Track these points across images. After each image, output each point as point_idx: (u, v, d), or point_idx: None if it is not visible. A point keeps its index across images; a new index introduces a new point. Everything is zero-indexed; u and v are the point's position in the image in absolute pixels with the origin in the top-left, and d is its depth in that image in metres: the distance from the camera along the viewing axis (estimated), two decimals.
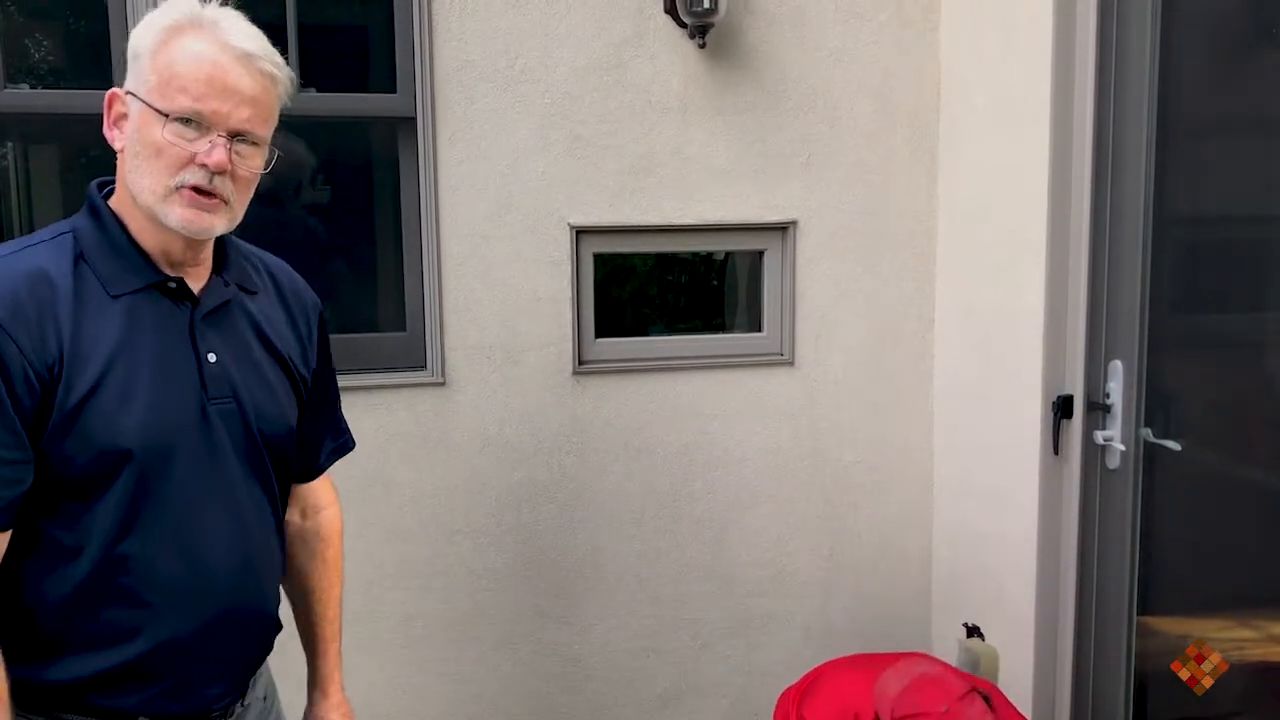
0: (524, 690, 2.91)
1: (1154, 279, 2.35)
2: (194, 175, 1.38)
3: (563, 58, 2.74)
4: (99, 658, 1.41)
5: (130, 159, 1.40)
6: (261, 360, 1.54)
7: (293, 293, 1.64)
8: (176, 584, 1.43)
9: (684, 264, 3.16)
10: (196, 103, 1.37)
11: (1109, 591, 2.48)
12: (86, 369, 1.34)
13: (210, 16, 1.40)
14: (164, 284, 1.43)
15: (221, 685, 1.52)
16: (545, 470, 2.85)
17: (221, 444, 1.46)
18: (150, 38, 1.38)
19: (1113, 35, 2.37)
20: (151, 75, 1.37)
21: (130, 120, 1.40)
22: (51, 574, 1.38)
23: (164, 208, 1.38)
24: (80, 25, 2.73)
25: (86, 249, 1.40)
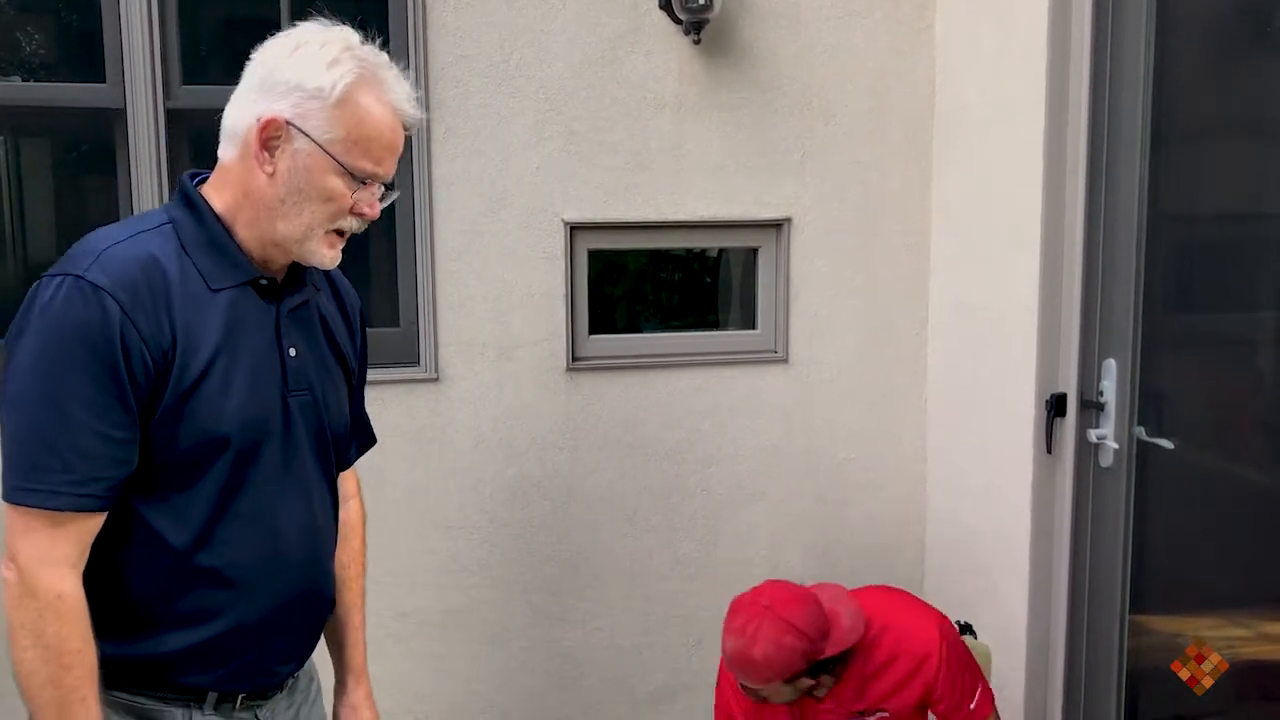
0: (516, 686, 2.91)
1: (1148, 278, 2.35)
2: (351, 223, 1.49)
3: (558, 53, 2.73)
4: (182, 636, 1.47)
5: (286, 192, 1.44)
6: (328, 356, 1.62)
7: (345, 292, 1.72)
8: (258, 567, 1.50)
9: (678, 261, 3.15)
10: (378, 166, 1.47)
11: (1101, 589, 2.49)
12: (195, 357, 1.41)
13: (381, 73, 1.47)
14: (257, 281, 1.49)
15: (288, 663, 1.61)
16: (538, 467, 2.85)
17: (298, 434, 1.54)
18: (328, 82, 1.42)
19: (1108, 34, 2.37)
20: (335, 127, 1.42)
21: (291, 154, 1.43)
22: (144, 555, 1.44)
23: (313, 246, 1.48)
24: (72, 18, 2.72)
25: (186, 241, 1.45)
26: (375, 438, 1.87)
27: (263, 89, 1.44)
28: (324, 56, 1.43)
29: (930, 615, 2.44)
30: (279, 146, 1.43)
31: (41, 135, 2.79)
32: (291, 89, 1.42)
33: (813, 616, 2.28)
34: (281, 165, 1.44)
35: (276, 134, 1.43)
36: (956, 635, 2.44)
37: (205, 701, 1.51)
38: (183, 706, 1.50)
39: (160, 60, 2.56)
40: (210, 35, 2.80)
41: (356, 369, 1.72)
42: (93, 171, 2.79)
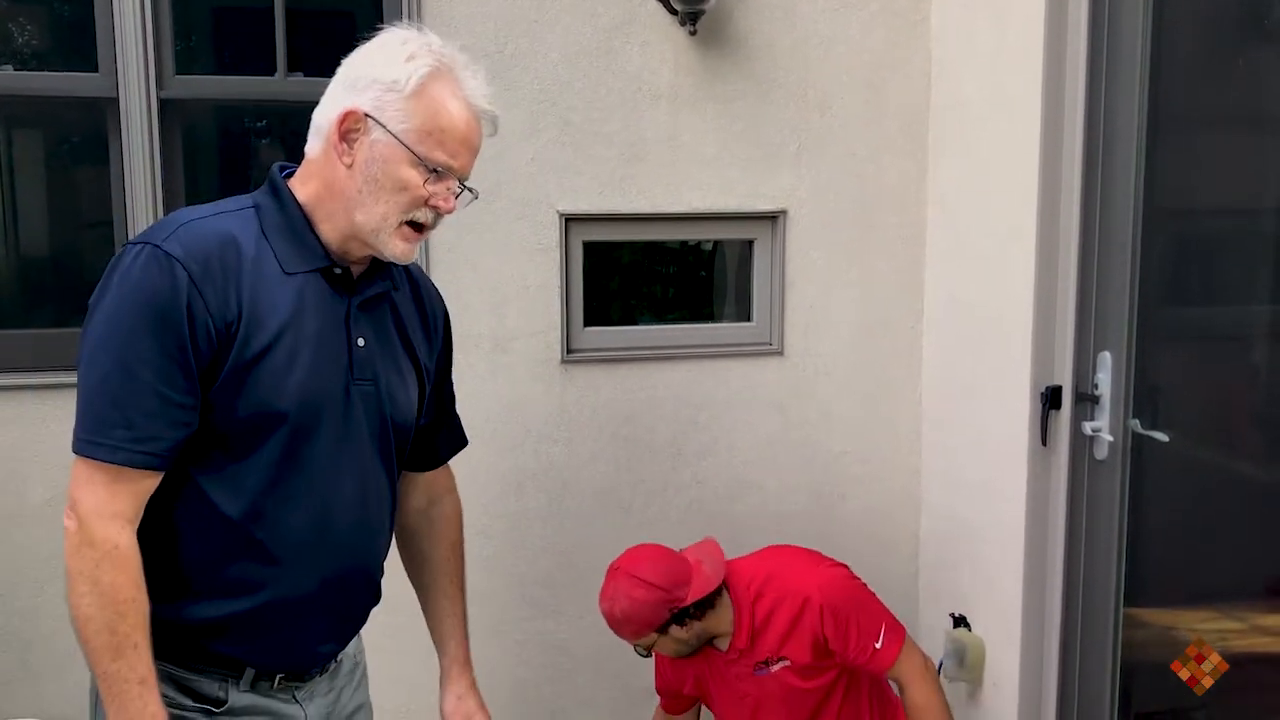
0: (511, 680, 2.90)
1: (1143, 271, 2.35)
2: (425, 215, 1.53)
3: (553, 44, 2.73)
4: (224, 605, 1.52)
5: (364, 182, 1.50)
6: (398, 352, 1.67)
7: (429, 296, 1.78)
8: (305, 544, 1.55)
9: (673, 253, 3.15)
10: (452, 159, 1.51)
11: (1096, 582, 2.49)
12: (260, 332, 1.46)
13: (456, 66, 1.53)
14: (331, 270, 1.54)
15: (327, 642, 1.65)
16: (533, 459, 2.84)
17: (358, 421, 1.58)
18: (404, 74, 1.47)
19: (1104, 27, 2.36)
20: (412, 119, 1.48)
21: (369, 145, 1.49)
22: (197, 520, 1.50)
23: (386, 238, 1.52)
24: (64, 8, 2.70)
25: (267, 225, 1.52)
26: (466, 439, 1.94)
27: (346, 85, 1.51)
28: (403, 52, 1.49)
29: (818, 564, 2.53)
30: (357, 138, 1.49)
31: (34, 125, 2.78)
32: (371, 83, 1.48)
33: (667, 569, 2.42)
34: (360, 156, 1.49)
35: (355, 126, 1.49)
36: (846, 580, 2.50)
37: (242, 677, 1.56)
38: (220, 679, 1.55)
39: (153, 50, 2.54)
40: (203, 25, 2.79)
41: (433, 371, 1.78)
42: (85, 161, 2.77)
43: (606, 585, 2.44)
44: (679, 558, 2.47)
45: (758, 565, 2.52)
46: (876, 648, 2.42)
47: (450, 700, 1.88)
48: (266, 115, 2.86)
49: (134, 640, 1.42)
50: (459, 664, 1.89)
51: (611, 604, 2.41)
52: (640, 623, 2.39)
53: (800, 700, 2.49)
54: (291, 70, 2.62)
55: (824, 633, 2.40)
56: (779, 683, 2.48)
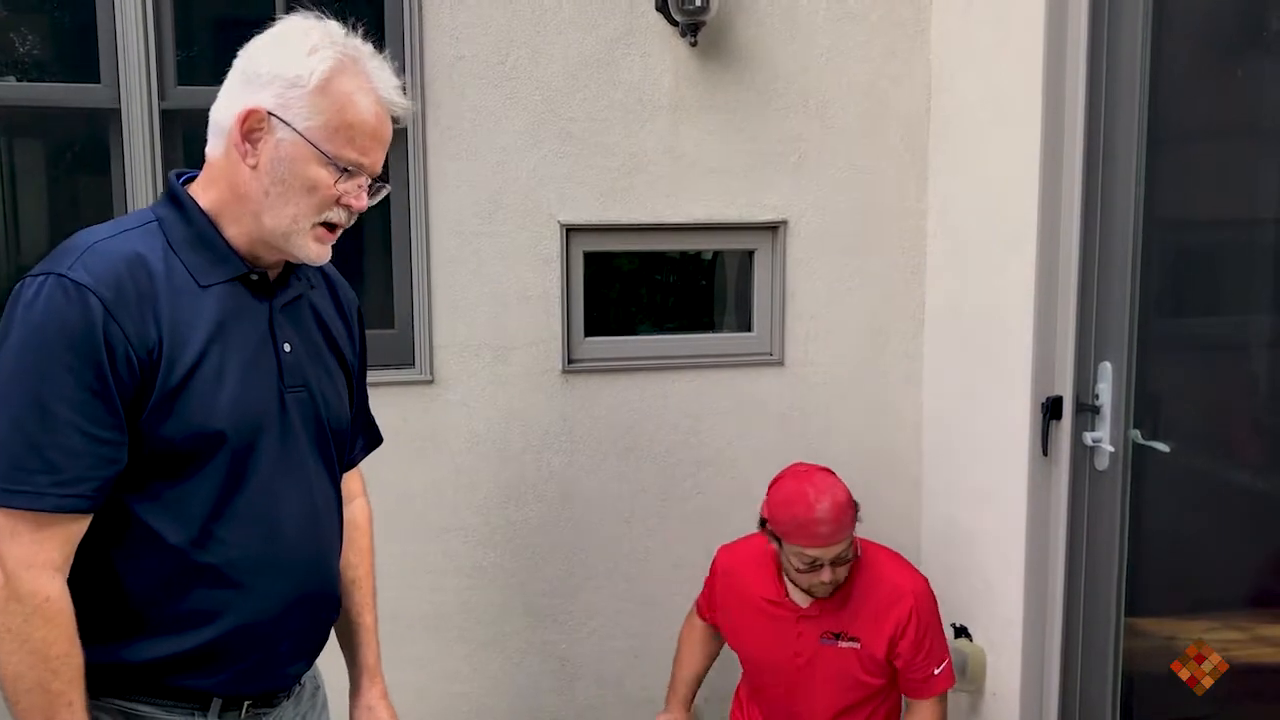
0: (512, 690, 2.90)
1: (1144, 281, 2.36)
2: (339, 215, 1.47)
3: (554, 55, 2.73)
4: (182, 639, 1.45)
5: (270, 183, 1.42)
6: (324, 352, 1.61)
7: (341, 289, 1.71)
8: (259, 565, 1.48)
9: (674, 263, 3.15)
10: (362, 156, 1.44)
11: (1097, 592, 2.49)
12: (184, 353, 1.39)
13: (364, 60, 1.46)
14: (248, 277, 1.48)
15: (294, 665, 1.59)
16: (534, 469, 2.84)
17: (296, 431, 1.53)
18: (307, 69, 1.40)
19: (1104, 37, 2.37)
20: (316, 115, 1.41)
21: (274, 144, 1.42)
22: (141, 554, 1.42)
23: (300, 240, 1.45)
24: (66, 18, 2.71)
25: (173, 239, 1.44)
26: (381, 437, 1.86)
27: (245, 81, 1.43)
28: (304, 45, 1.42)
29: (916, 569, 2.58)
30: (261, 137, 1.42)
31: (35, 136, 2.78)
32: (272, 78, 1.41)
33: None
34: (264, 156, 1.42)
35: (258, 124, 1.41)
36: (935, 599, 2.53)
37: (210, 709, 1.49)
38: (185, 714, 1.48)
39: (155, 60, 2.55)
40: (204, 35, 2.79)
41: (356, 367, 1.71)
42: (87, 172, 2.78)
43: (809, 484, 2.39)
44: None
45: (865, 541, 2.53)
46: (935, 673, 2.47)
47: (361, 712, 1.78)
48: None
49: (68, 698, 1.34)
50: (369, 673, 1.79)
51: (834, 491, 2.37)
52: (855, 506, 2.39)
53: (847, 688, 2.49)
54: None
55: (906, 633, 2.42)
56: (839, 660, 2.47)
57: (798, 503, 2.37)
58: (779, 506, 2.42)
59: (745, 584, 2.55)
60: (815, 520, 2.34)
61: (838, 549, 2.37)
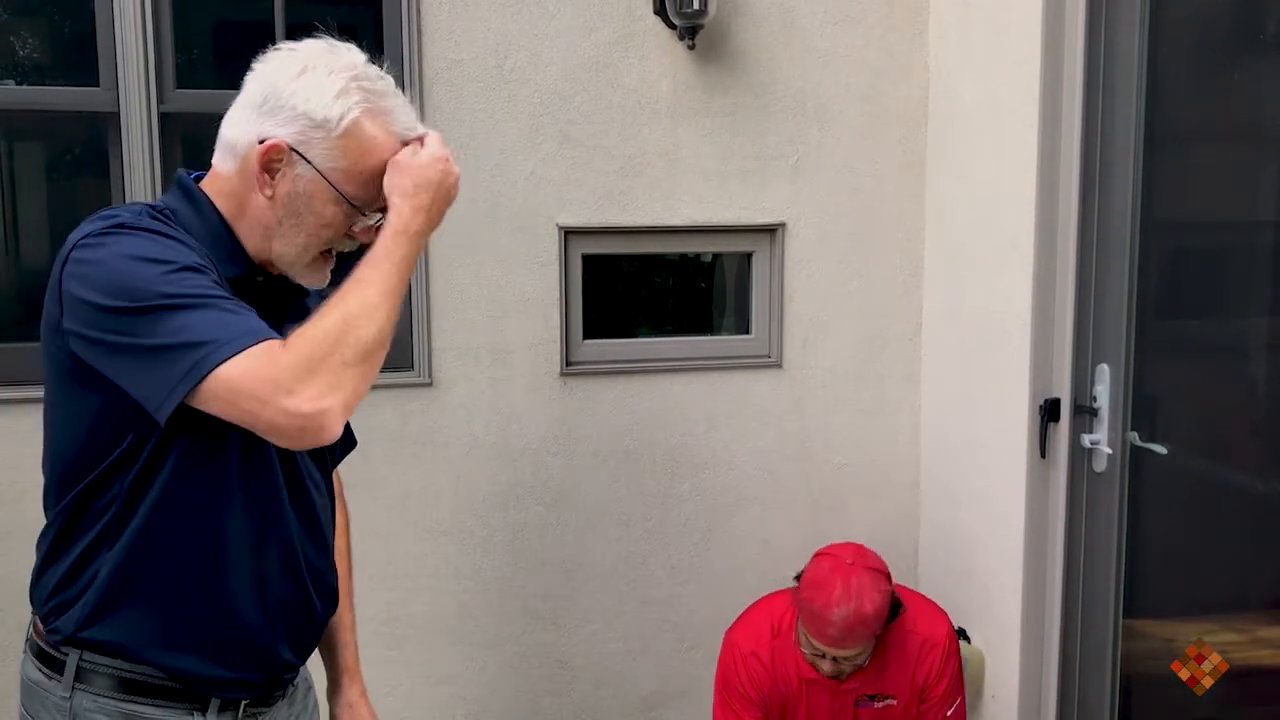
0: (510, 692, 2.90)
1: (1141, 283, 2.36)
2: (346, 245, 1.50)
3: (552, 58, 2.74)
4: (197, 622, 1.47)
5: (285, 215, 1.44)
6: None
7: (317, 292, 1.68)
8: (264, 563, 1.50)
9: (672, 265, 3.15)
10: (375, 198, 1.46)
11: (1095, 594, 2.49)
12: None
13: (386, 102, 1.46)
14: (253, 278, 1.49)
15: (295, 656, 1.60)
16: (532, 471, 2.84)
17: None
18: (334, 114, 1.41)
19: (1101, 40, 2.37)
20: (340, 160, 1.42)
21: (292, 179, 1.43)
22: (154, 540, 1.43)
23: (305, 267, 1.49)
24: (65, 22, 2.71)
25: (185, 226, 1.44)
26: (355, 439, 1.84)
27: (265, 109, 1.43)
28: (332, 86, 1.42)
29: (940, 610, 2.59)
30: (280, 170, 1.43)
31: (35, 139, 2.79)
32: (296, 116, 1.41)
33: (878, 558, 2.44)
34: (281, 188, 1.43)
35: (279, 158, 1.42)
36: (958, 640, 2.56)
37: (208, 709, 1.51)
38: (184, 714, 1.49)
39: (154, 64, 2.55)
40: (204, 39, 2.80)
41: None
42: (86, 175, 2.78)
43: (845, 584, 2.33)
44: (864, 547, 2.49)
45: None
46: (948, 715, 2.49)
47: (342, 710, 1.79)
48: None
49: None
50: (348, 673, 1.80)
51: (861, 602, 2.32)
52: (883, 619, 2.36)
53: None
54: None
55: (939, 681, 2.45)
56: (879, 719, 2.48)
57: (821, 595, 2.37)
58: (807, 585, 2.42)
59: (778, 666, 2.51)
60: (829, 621, 2.34)
61: (847, 653, 2.38)
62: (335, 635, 1.79)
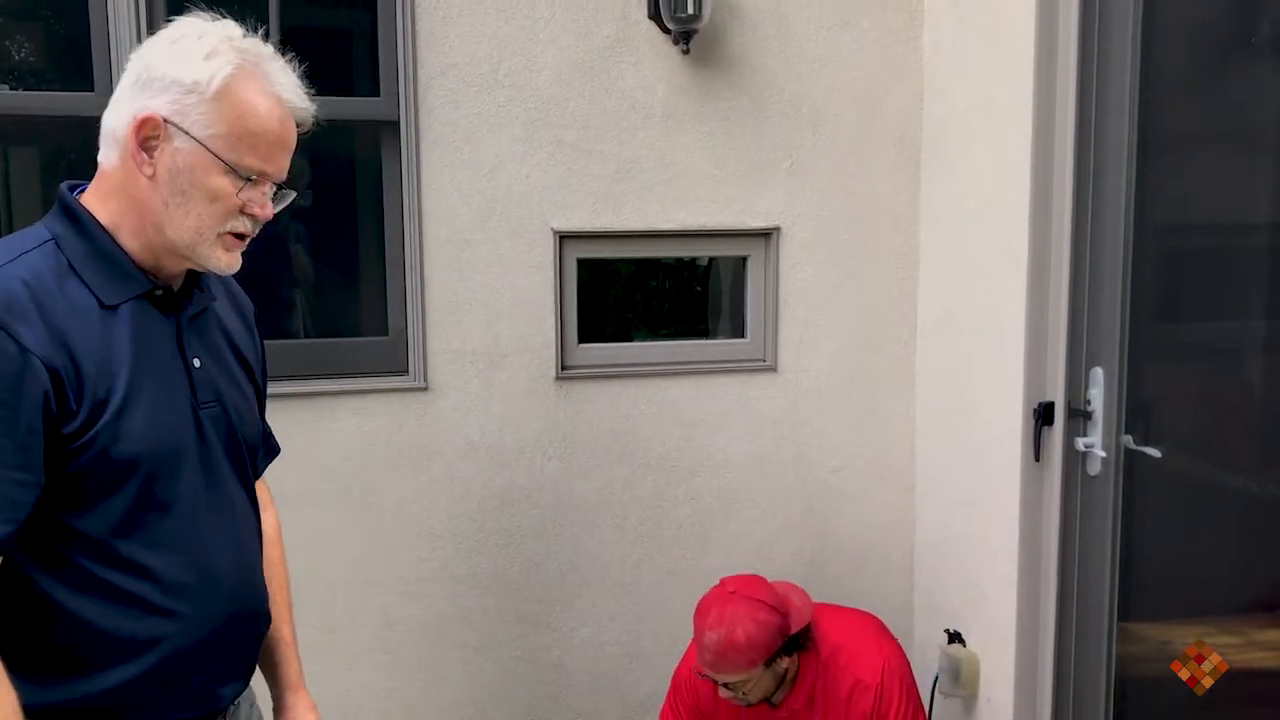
0: (506, 696, 2.90)
1: (1135, 286, 2.36)
2: (243, 224, 1.42)
3: (546, 62, 2.74)
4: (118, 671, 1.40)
5: (169, 194, 1.38)
6: (232, 364, 1.57)
7: (239, 297, 1.67)
8: (190, 590, 1.44)
9: (667, 269, 3.16)
10: (265, 164, 1.39)
11: (1089, 597, 2.49)
12: (95, 378, 1.34)
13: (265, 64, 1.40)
14: (152, 293, 1.43)
15: (233, 684, 1.55)
16: (528, 475, 2.84)
17: (214, 448, 1.49)
18: (205, 74, 1.35)
19: (1094, 45, 2.38)
20: (218, 124, 1.36)
21: (171, 154, 1.37)
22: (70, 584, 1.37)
23: (206, 250, 1.40)
24: (60, 27, 2.71)
25: (73, 257, 1.38)
26: (279, 447, 1.80)
27: (139, 86, 1.37)
28: (201, 49, 1.36)
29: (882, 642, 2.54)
30: (157, 146, 1.36)
31: (30, 144, 2.79)
32: (168, 84, 1.35)
33: (773, 593, 2.42)
34: (162, 166, 1.36)
35: (154, 133, 1.36)
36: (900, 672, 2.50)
37: None
38: None
39: None
40: None
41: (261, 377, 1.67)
42: (81, 180, 2.77)
43: (722, 610, 2.35)
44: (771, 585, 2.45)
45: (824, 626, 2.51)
46: None
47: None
48: None
49: None
50: (293, 688, 1.72)
51: (731, 630, 2.32)
52: (760, 648, 2.33)
53: None
54: None
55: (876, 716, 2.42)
56: None
57: (699, 621, 2.40)
58: (695, 613, 2.46)
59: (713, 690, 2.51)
60: (704, 646, 2.38)
61: (729, 679, 2.38)
62: (276, 650, 1.72)
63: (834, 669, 2.46)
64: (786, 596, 2.47)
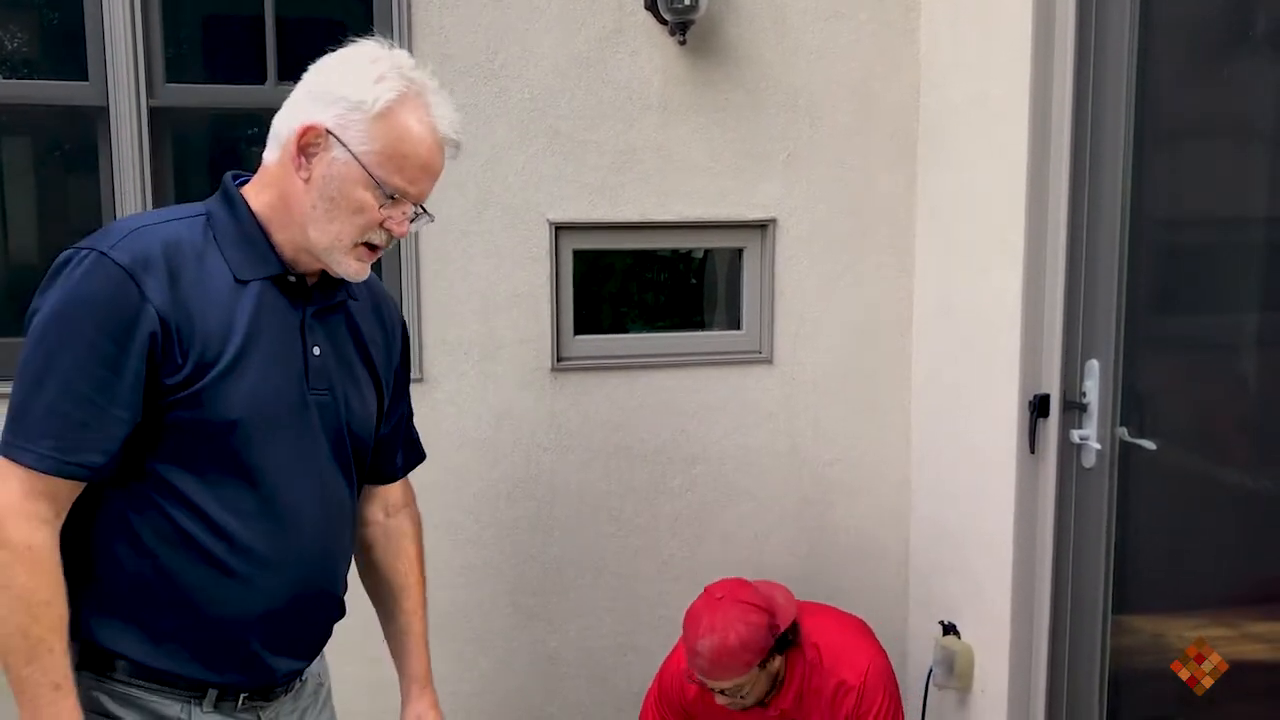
0: (500, 688, 2.90)
1: (1131, 279, 2.36)
2: (379, 237, 1.51)
3: (543, 53, 2.73)
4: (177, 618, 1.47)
5: (319, 199, 1.47)
6: (355, 363, 1.64)
7: (388, 309, 1.74)
8: (263, 557, 1.50)
9: (663, 261, 3.15)
10: (410, 185, 1.49)
11: (1084, 589, 2.49)
12: (210, 341, 1.43)
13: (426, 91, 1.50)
14: (284, 278, 1.52)
15: (290, 661, 1.60)
16: (523, 467, 2.84)
17: (315, 432, 1.56)
18: (371, 95, 1.45)
19: (1091, 36, 2.37)
20: (374, 142, 1.45)
21: (328, 162, 1.46)
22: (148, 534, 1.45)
23: (340, 257, 1.50)
24: (54, 16, 2.70)
25: (219, 233, 1.49)
26: (425, 454, 1.89)
27: (310, 97, 1.48)
28: (372, 72, 1.46)
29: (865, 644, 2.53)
30: (317, 154, 1.46)
31: (22, 134, 2.77)
32: (336, 99, 1.46)
33: (758, 593, 2.42)
34: (317, 172, 1.46)
35: (316, 140, 1.46)
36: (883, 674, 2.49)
37: (205, 698, 1.52)
38: (182, 701, 1.51)
39: (143, 58, 2.54)
40: (193, 33, 2.78)
41: (394, 384, 1.74)
42: (74, 170, 2.77)
43: (712, 618, 2.35)
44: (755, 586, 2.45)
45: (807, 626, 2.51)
46: None
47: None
48: (257, 124, 2.85)
49: (49, 644, 1.38)
50: (419, 683, 1.86)
51: (725, 634, 2.32)
52: (753, 650, 2.34)
53: None
54: (282, 79, 2.61)
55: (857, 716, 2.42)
56: None
57: (690, 628, 2.40)
58: (684, 621, 2.45)
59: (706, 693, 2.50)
60: (697, 653, 2.37)
61: (723, 684, 2.38)
62: (406, 643, 1.83)
63: (819, 670, 2.46)
64: (771, 595, 2.48)
